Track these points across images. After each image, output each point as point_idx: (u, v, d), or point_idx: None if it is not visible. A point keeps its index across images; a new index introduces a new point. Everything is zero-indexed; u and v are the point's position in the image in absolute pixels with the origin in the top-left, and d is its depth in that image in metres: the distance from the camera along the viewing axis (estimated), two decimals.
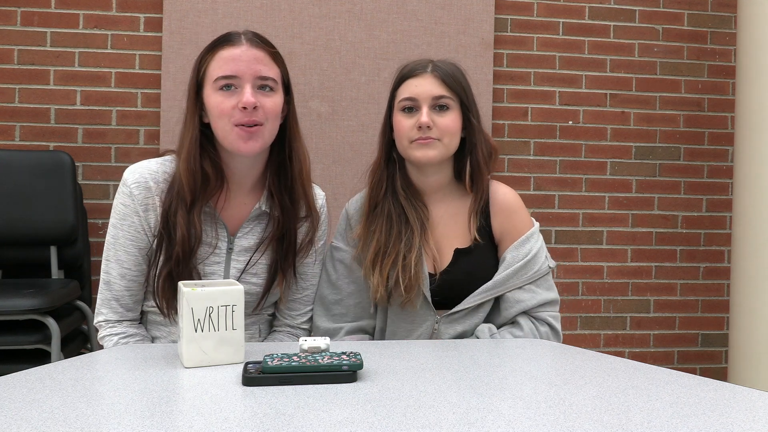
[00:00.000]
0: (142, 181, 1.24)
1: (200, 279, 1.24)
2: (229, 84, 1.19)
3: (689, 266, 3.01)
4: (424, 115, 1.29)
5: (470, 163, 1.35)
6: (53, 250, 2.36)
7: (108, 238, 1.26)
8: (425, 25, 2.76)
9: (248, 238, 1.30)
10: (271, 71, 1.23)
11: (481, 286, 1.33)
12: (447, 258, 1.36)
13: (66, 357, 2.00)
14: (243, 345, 1.01)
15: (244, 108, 1.17)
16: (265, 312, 1.38)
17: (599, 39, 2.93)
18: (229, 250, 1.28)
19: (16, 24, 2.61)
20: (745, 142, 2.48)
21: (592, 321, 2.95)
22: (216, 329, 0.99)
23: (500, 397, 0.82)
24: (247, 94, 1.17)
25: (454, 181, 1.40)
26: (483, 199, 1.38)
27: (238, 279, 1.28)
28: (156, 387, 0.86)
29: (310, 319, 1.40)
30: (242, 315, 1.01)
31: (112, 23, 2.66)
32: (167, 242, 1.21)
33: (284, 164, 1.30)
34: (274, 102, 1.22)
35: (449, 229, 1.38)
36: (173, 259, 1.20)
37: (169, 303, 1.22)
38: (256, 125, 1.19)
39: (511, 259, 1.34)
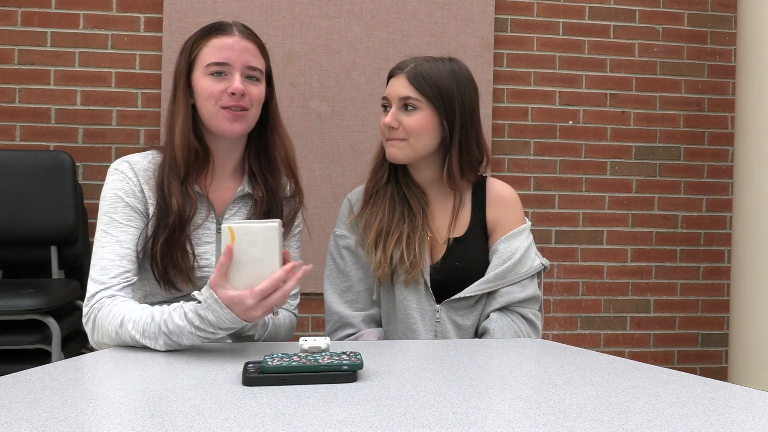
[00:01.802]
0: (130, 168, 1.30)
1: (193, 250, 1.28)
2: (220, 71, 1.27)
3: (689, 266, 3.01)
4: (389, 116, 1.36)
5: (446, 166, 1.39)
6: (53, 250, 2.36)
7: (100, 228, 1.26)
8: (425, 25, 2.76)
9: (235, 219, 1.36)
10: (258, 62, 1.32)
11: (475, 275, 1.36)
12: (443, 249, 1.40)
13: (66, 357, 2.00)
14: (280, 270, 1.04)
15: (233, 94, 1.26)
16: None
17: (599, 39, 2.93)
18: (218, 230, 1.33)
19: (16, 24, 2.61)
20: (745, 142, 2.48)
21: (592, 321, 2.95)
22: (257, 259, 1.02)
23: (500, 397, 0.82)
24: (237, 82, 1.26)
25: (446, 178, 1.43)
26: (463, 198, 1.42)
27: None
28: (156, 387, 0.86)
29: (298, 303, 1.44)
30: (279, 247, 1.04)
31: (112, 23, 2.66)
32: (164, 213, 1.26)
33: (265, 148, 1.39)
34: (259, 90, 1.31)
35: (446, 220, 1.42)
36: (170, 227, 1.25)
37: (166, 270, 1.25)
38: (243, 110, 1.28)
39: (503, 250, 1.37)
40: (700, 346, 3.03)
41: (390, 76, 1.40)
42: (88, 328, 1.19)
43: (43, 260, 2.36)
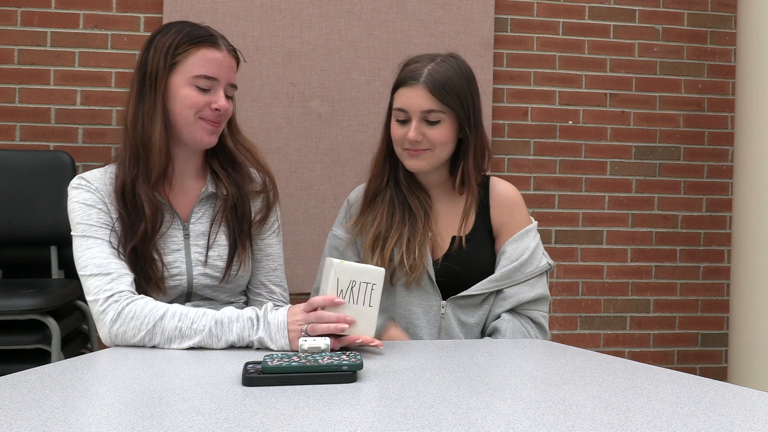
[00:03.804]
0: (89, 183, 1.27)
1: (160, 258, 1.27)
2: (207, 85, 1.27)
3: (689, 266, 3.01)
4: (412, 131, 1.32)
5: (461, 168, 1.39)
6: (53, 250, 2.36)
7: (78, 235, 1.23)
8: (425, 25, 2.76)
9: (202, 222, 1.34)
10: (235, 78, 1.33)
11: (479, 275, 1.37)
12: (446, 248, 1.40)
13: (66, 357, 2.00)
14: (375, 323, 1.11)
15: (216, 110, 1.27)
16: (240, 300, 1.40)
17: (599, 39, 2.93)
18: (186, 236, 1.32)
19: (16, 24, 2.61)
20: (745, 142, 2.48)
21: (592, 321, 2.95)
22: (355, 302, 1.09)
23: (500, 397, 0.82)
24: (222, 99, 1.28)
25: (451, 179, 1.43)
26: (475, 198, 1.42)
27: (204, 263, 1.31)
28: (156, 387, 0.86)
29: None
30: (379, 295, 1.11)
31: (112, 23, 2.66)
32: (132, 221, 1.24)
33: (223, 149, 1.38)
34: (232, 105, 1.34)
35: (449, 220, 1.42)
36: (139, 235, 1.23)
37: (136, 277, 1.23)
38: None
39: (511, 251, 1.38)
40: (699, 346, 3.03)
41: (401, 85, 1.35)
42: (107, 319, 1.14)
43: (43, 260, 2.36)
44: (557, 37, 2.91)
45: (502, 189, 1.44)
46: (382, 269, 1.11)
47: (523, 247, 1.38)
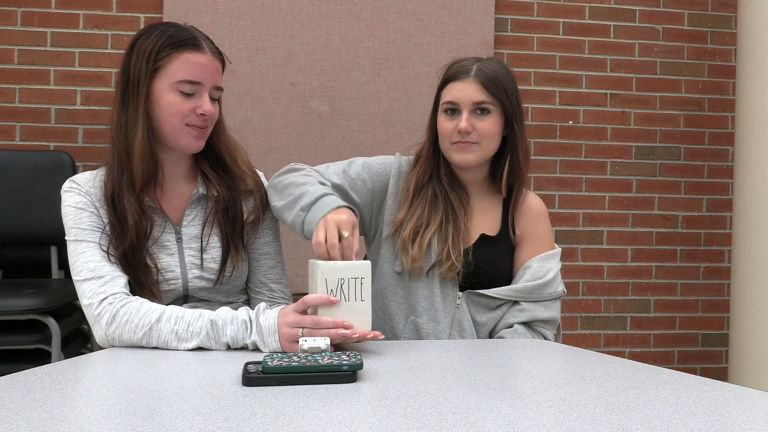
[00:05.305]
0: (80, 187, 1.28)
1: (154, 264, 1.26)
2: (191, 90, 1.25)
3: (689, 266, 3.01)
4: (464, 121, 1.35)
5: (510, 163, 1.41)
6: (53, 250, 2.36)
7: (71, 239, 1.23)
8: (425, 25, 2.76)
9: (194, 225, 1.33)
10: (221, 81, 1.30)
11: (496, 276, 1.39)
12: (471, 241, 1.42)
13: (66, 357, 2.00)
14: (370, 316, 1.11)
15: (202, 114, 1.25)
16: (239, 299, 1.40)
17: (599, 39, 2.93)
18: (179, 240, 1.31)
19: (16, 24, 2.61)
20: (745, 142, 2.48)
21: (592, 321, 2.95)
22: (347, 299, 1.09)
23: (500, 397, 0.82)
24: (207, 104, 1.26)
25: (488, 180, 1.47)
26: (515, 199, 1.44)
27: (200, 266, 1.30)
28: (156, 387, 0.86)
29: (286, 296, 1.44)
30: (369, 288, 1.11)
31: (112, 23, 2.66)
32: (120, 229, 1.23)
33: (211, 150, 1.36)
34: (218, 108, 1.32)
35: (479, 217, 1.44)
36: (127, 244, 1.22)
37: (131, 281, 1.23)
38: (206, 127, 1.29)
39: (537, 268, 1.40)
40: (700, 346, 3.03)
41: (451, 80, 1.38)
42: (102, 322, 1.14)
43: (43, 260, 2.36)
44: (557, 37, 2.91)
45: (535, 200, 1.48)
46: (368, 262, 1.11)
47: (548, 268, 1.40)
